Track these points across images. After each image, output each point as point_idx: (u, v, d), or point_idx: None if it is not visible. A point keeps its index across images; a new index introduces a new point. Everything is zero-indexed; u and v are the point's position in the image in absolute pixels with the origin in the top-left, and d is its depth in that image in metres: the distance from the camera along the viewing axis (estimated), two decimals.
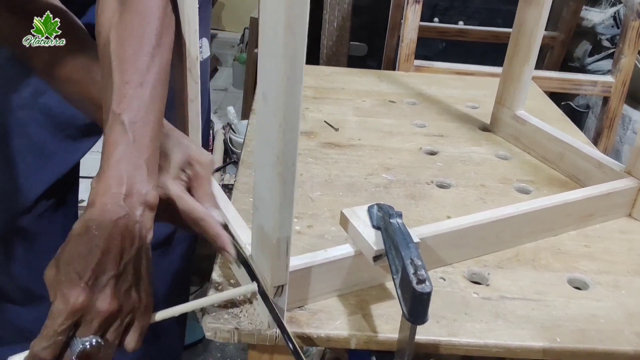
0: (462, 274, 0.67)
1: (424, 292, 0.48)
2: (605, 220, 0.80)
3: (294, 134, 0.46)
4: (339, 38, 2.28)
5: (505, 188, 0.87)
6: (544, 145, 0.95)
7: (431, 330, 0.58)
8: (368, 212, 0.62)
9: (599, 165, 0.85)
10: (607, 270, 0.70)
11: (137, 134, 0.58)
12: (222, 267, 0.65)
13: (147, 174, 0.58)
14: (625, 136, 1.95)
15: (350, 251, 0.60)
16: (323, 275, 0.59)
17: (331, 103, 1.13)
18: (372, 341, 0.57)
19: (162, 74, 0.64)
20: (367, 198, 0.81)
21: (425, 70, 1.62)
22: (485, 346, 0.58)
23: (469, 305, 0.62)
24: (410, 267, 0.50)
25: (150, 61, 0.63)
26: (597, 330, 0.60)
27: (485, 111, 1.11)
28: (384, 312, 0.60)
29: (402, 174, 0.89)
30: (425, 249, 0.65)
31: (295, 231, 0.72)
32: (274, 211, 0.49)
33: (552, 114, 1.15)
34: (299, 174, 0.86)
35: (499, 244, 0.71)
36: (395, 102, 1.16)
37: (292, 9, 0.41)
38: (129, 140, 0.58)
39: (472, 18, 2.50)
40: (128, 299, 0.52)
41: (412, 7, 1.57)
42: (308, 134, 0.99)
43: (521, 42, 0.95)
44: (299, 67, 0.43)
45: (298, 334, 0.57)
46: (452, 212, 0.79)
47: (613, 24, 2.13)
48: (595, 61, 2.20)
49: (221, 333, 0.57)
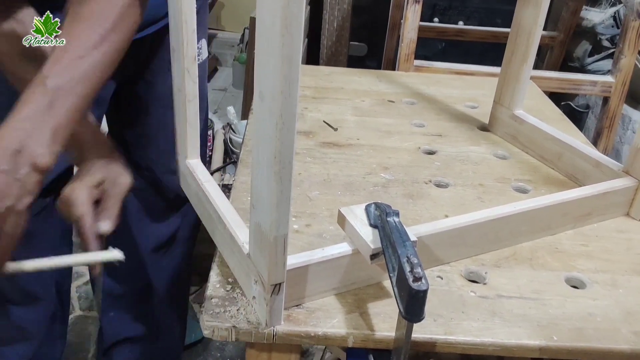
0: (460, 272, 0.67)
1: (420, 290, 0.48)
2: (603, 220, 0.80)
3: (290, 132, 0.46)
4: (338, 38, 2.28)
5: (503, 187, 0.87)
6: (542, 144, 0.95)
7: (428, 329, 0.58)
8: (365, 211, 0.62)
9: (597, 165, 0.85)
10: (604, 269, 0.70)
11: (56, 101, 0.58)
12: (220, 266, 0.65)
13: (50, 140, 0.57)
14: (625, 136, 1.95)
15: (348, 250, 0.60)
16: (320, 273, 0.59)
17: (330, 103, 1.13)
18: (370, 339, 0.58)
19: (109, 57, 0.64)
20: (366, 197, 0.82)
21: (424, 70, 1.62)
22: (482, 344, 0.58)
23: (466, 303, 0.62)
24: (407, 265, 0.50)
25: (99, 41, 0.62)
26: (594, 329, 0.60)
27: (484, 111, 1.11)
28: (381, 310, 0.60)
29: (401, 173, 0.89)
30: (423, 247, 0.65)
31: (294, 230, 0.72)
32: (271, 209, 0.49)
33: (551, 114, 1.15)
34: (297, 173, 0.86)
35: (497, 242, 0.72)
36: (394, 102, 1.16)
37: (288, 8, 0.41)
38: (44, 104, 0.58)
39: (471, 18, 2.50)
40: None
41: (412, 7, 1.57)
42: (307, 134, 1.00)
43: (519, 42, 0.95)
44: (295, 66, 0.43)
45: (296, 332, 0.57)
46: (450, 211, 0.79)
47: (613, 24, 2.13)
48: (595, 61, 2.20)
49: (219, 331, 0.57)
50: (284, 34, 0.42)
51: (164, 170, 1.04)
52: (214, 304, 0.59)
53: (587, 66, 2.20)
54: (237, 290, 0.61)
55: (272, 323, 0.56)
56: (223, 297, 0.60)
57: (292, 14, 0.41)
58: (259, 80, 0.46)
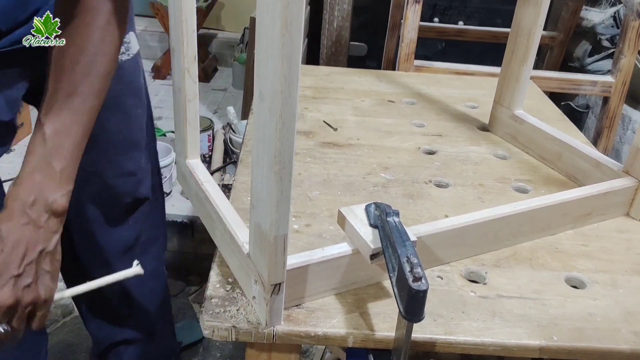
0: (460, 272, 0.67)
1: (419, 290, 0.48)
2: (603, 220, 0.80)
3: (290, 132, 0.46)
4: (338, 38, 2.28)
5: (503, 187, 0.87)
6: (542, 144, 0.95)
7: (428, 329, 0.58)
8: (365, 211, 0.62)
9: (597, 165, 0.85)
10: (604, 269, 0.70)
11: (56, 145, 0.64)
12: (220, 266, 0.65)
13: (60, 183, 0.64)
14: (625, 136, 1.95)
15: (348, 249, 0.60)
16: (320, 273, 0.59)
17: (330, 103, 1.13)
18: (370, 339, 0.58)
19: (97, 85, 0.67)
20: (366, 197, 0.81)
21: (424, 70, 1.62)
22: (482, 344, 0.58)
23: (466, 303, 0.62)
24: (407, 265, 0.50)
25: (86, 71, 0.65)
26: (594, 329, 0.60)
27: (484, 111, 1.11)
28: (381, 310, 0.60)
29: (401, 173, 0.89)
30: (423, 247, 0.65)
31: (294, 230, 0.72)
32: (271, 209, 0.49)
33: (551, 114, 1.15)
34: (297, 173, 0.86)
35: (497, 242, 0.72)
36: (394, 102, 1.16)
37: (288, 8, 0.41)
38: (47, 151, 0.63)
39: (471, 18, 2.50)
40: (28, 294, 0.61)
41: (412, 7, 1.57)
42: (307, 134, 1.00)
43: (519, 42, 0.95)
44: (295, 66, 0.43)
45: (295, 332, 0.57)
46: (450, 211, 0.79)
47: (613, 24, 2.13)
48: (595, 61, 2.20)
49: (219, 331, 0.57)
50: (284, 34, 0.42)
51: (114, 174, 1.01)
52: (214, 304, 0.59)
53: (587, 66, 2.20)
54: (237, 290, 0.61)
55: (272, 323, 0.56)
56: (223, 297, 0.60)
57: (292, 14, 0.41)
58: (259, 80, 0.46)
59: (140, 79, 1.01)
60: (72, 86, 0.65)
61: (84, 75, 0.65)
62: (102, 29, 0.66)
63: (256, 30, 0.45)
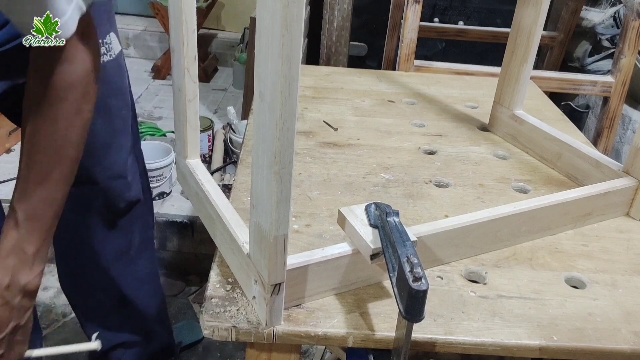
0: (460, 272, 0.67)
1: (419, 290, 0.48)
2: (603, 220, 0.80)
3: (290, 132, 0.46)
4: (339, 38, 2.28)
5: (503, 187, 0.87)
6: (542, 144, 0.95)
7: (428, 329, 0.58)
8: (365, 211, 0.62)
9: (597, 165, 0.85)
10: (604, 269, 0.70)
11: (28, 230, 0.67)
12: (220, 266, 0.65)
13: (32, 266, 0.68)
14: (625, 136, 1.95)
15: (348, 249, 0.60)
16: (320, 273, 0.59)
17: (330, 103, 1.13)
18: (370, 339, 0.58)
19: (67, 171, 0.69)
20: (366, 197, 0.81)
21: (424, 70, 1.62)
22: (482, 344, 0.58)
23: (466, 303, 0.62)
24: (407, 265, 0.50)
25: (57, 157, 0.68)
26: (594, 329, 0.60)
27: (484, 111, 1.11)
28: (381, 310, 0.60)
29: (401, 173, 0.89)
30: (423, 247, 0.65)
31: (294, 230, 0.72)
32: (271, 209, 0.49)
33: (551, 114, 1.15)
34: (297, 173, 0.86)
35: (497, 243, 0.72)
36: (394, 102, 1.16)
37: (288, 8, 0.41)
38: (20, 235, 0.67)
39: (471, 18, 2.50)
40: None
41: (412, 7, 1.57)
42: (307, 134, 0.99)
43: (519, 42, 0.95)
44: (295, 66, 0.43)
45: (295, 332, 0.57)
46: (450, 211, 0.79)
47: (613, 24, 2.13)
48: (595, 61, 2.20)
49: (219, 331, 0.57)
50: (284, 34, 0.42)
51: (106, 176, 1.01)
52: (214, 304, 0.59)
53: (587, 66, 2.20)
54: (237, 290, 0.61)
55: (272, 323, 0.56)
56: (223, 297, 0.60)
57: (292, 14, 0.41)
58: (259, 80, 0.46)
59: (123, 80, 1.00)
60: (43, 173, 0.68)
61: (56, 161, 0.68)
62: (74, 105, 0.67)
63: (256, 30, 0.45)
